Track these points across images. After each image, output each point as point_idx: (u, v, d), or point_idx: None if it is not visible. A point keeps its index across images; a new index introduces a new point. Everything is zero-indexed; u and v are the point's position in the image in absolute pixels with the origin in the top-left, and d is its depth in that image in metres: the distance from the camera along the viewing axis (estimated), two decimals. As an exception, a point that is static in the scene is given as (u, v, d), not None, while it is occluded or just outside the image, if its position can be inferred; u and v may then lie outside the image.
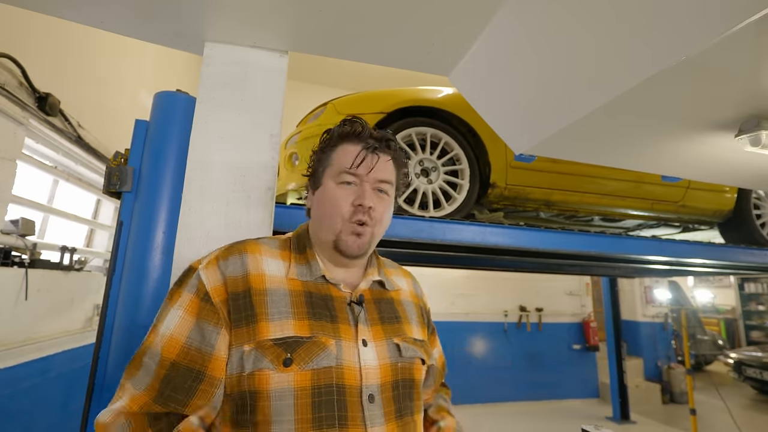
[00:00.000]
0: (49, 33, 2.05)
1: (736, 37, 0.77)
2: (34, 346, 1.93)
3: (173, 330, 0.64)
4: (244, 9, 1.06)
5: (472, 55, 1.25)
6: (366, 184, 0.74)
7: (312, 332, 0.65)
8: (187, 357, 0.63)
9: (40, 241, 2.15)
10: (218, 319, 0.65)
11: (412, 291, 0.87)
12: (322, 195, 0.76)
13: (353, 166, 0.73)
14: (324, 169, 0.77)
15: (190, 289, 0.67)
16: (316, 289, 0.71)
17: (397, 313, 0.78)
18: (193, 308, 0.65)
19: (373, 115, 1.82)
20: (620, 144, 1.48)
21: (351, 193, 0.74)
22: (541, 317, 5.58)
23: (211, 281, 0.67)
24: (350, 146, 0.75)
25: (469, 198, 1.90)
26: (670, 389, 5.60)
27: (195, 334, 0.64)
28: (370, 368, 0.67)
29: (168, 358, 0.63)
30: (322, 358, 0.64)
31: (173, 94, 1.18)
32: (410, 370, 0.73)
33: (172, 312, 0.66)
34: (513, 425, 4.59)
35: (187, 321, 0.65)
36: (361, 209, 0.72)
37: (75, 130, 2.22)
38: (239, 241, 0.75)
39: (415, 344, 0.76)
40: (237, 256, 0.70)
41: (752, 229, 2.57)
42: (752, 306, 8.72)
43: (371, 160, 0.74)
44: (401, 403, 0.69)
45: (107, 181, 1.11)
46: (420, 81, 4.74)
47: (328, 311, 0.69)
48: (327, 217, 0.74)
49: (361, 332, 0.70)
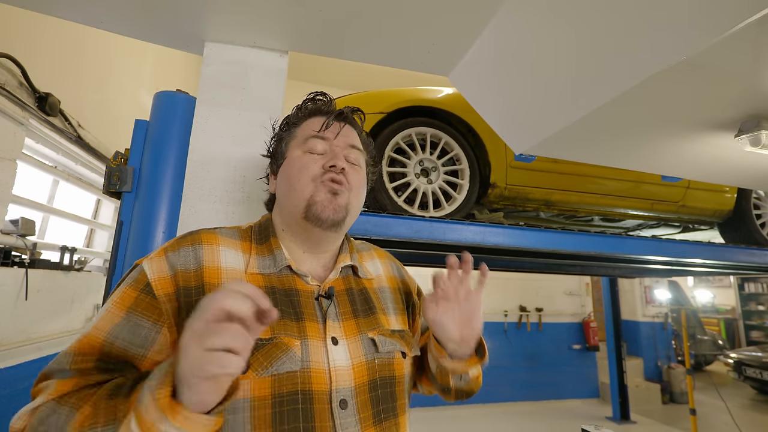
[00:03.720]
0: (49, 33, 2.05)
1: (736, 37, 0.77)
2: (34, 346, 1.93)
3: (92, 327, 0.54)
4: (244, 9, 1.06)
5: (472, 55, 1.25)
6: (336, 147, 0.68)
7: (273, 333, 0.56)
8: (110, 356, 0.53)
9: (40, 241, 2.15)
10: (159, 315, 0.55)
11: (389, 275, 0.79)
12: (287, 166, 0.69)
13: (321, 130, 0.69)
14: (288, 142, 0.72)
15: (126, 283, 0.58)
16: (280, 283, 0.63)
17: (372, 303, 0.69)
18: (124, 301, 0.55)
19: (373, 115, 1.82)
20: (620, 144, 1.48)
21: (320, 158, 0.68)
22: (541, 317, 5.58)
23: (155, 271, 0.57)
24: (316, 118, 0.71)
25: (469, 198, 1.90)
26: (670, 389, 5.59)
27: (119, 330, 0.53)
28: (342, 369, 0.59)
29: (81, 352, 0.52)
30: (284, 361, 0.55)
31: (173, 94, 1.18)
32: (390, 367, 0.64)
33: (101, 309, 0.56)
34: (513, 425, 4.59)
35: (113, 315, 0.54)
36: (334, 170, 0.65)
37: (75, 130, 2.22)
38: (192, 231, 0.66)
39: (393, 336, 0.67)
40: (189, 248, 0.61)
41: (752, 229, 2.57)
42: (752, 306, 8.72)
43: (339, 126, 0.70)
44: (380, 406, 0.61)
45: (107, 181, 1.11)
46: (420, 81, 4.75)
47: (293, 308, 0.61)
48: (295, 184, 0.66)
49: (331, 329, 0.61)
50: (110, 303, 0.56)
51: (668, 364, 5.89)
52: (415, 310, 0.79)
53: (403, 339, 0.70)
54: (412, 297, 0.80)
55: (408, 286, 0.81)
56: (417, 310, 0.79)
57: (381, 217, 1.50)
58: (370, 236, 1.46)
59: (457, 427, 4.44)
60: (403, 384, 0.67)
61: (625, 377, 4.66)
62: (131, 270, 0.61)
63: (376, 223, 1.47)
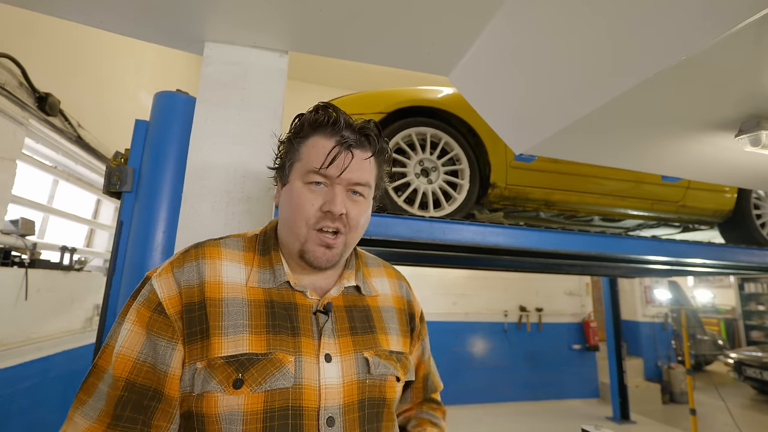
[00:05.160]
0: (49, 33, 2.05)
1: (736, 37, 0.77)
2: (34, 346, 1.93)
3: (123, 345, 0.57)
4: (244, 9, 1.06)
5: (472, 55, 1.25)
6: (337, 186, 0.64)
7: (269, 348, 0.58)
8: (140, 374, 0.56)
9: (40, 241, 2.15)
10: (173, 333, 0.58)
11: (396, 294, 0.78)
12: (288, 194, 0.67)
13: (323, 167, 0.63)
14: (292, 163, 0.67)
15: (140, 300, 0.60)
16: (280, 296, 0.64)
17: (372, 321, 0.69)
18: (142, 320, 0.59)
19: (373, 115, 1.82)
20: (620, 144, 1.48)
21: (319, 196, 0.64)
22: (541, 317, 5.58)
23: (164, 291, 0.60)
24: (322, 140, 0.64)
25: (469, 198, 1.90)
26: (670, 389, 5.59)
27: (147, 349, 0.57)
28: (332, 387, 0.60)
29: (120, 377, 0.56)
30: (277, 378, 0.57)
31: (173, 94, 1.18)
32: (381, 388, 0.64)
33: (122, 327, 0.59)
34: (513, 425, 4.59)
35: (137, 334, 0.58)
36: (330, 216, 0.63)
37: (75, 130, 2.22)
38: (198, 243, 0.67)
39: (389, 359, 0.67)
40: (192, 263, 0.63)
41: (752, 229, 2.57)
42: (752, 306, 8.72)
43: (345, 158, 0.63)
44: (366, 426, 0.61)
45: (107, 181, 1.11)
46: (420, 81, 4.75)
47: (290, 322, 0.62)
48: (292, 221, 0.65)
49: (325, 346, 0.62)
50: (129, 322, 0.59)
51: (668, 364, 5.89)
52: (414, 334, 0.78)
53: (399, 362, 0.69)
54: (415, 321, 0.79)
55: (413, 308, 0.80)
56: (416, 335, 0.79)
57: (381, 217, 1.50)
58: (370, 236, 1.46)
59: (458, 427, 4.44)
60: (392, 406, 0.67)
61: (625, 377, 4.66)
62: (142, 285, 0.63)
63: (376, 223, 1.47)
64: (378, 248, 1.73)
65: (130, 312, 0.60)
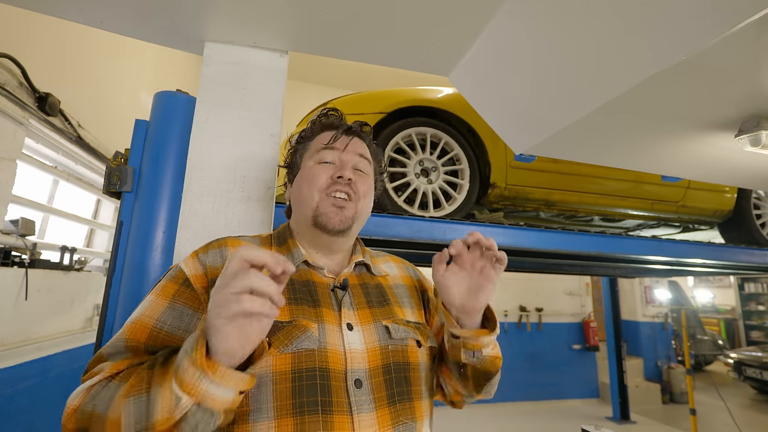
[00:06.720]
0: (49, 33, 2.05)
1: (736, 37, 0.77)
2: (34, 346, 1.93)
3: (140, 314, 0.60)
4: (244, 9, 1.06)
5: (472, 55, 1.25)
6: (345, 157, 0.75)
7: (292, 316, 0.62)
8: (158, 340, 0.58)
9: (40, 241, 2.15)
10: (199, 304, 0.61)
11: (404, 274, 0.83)
12: (300, 176, 0.77)
13: (330, 142, 0.75)
14: (302, 154, 0.80)
15: (166, 279, 0.64)
16: (298, 275, 0.69)
17: (387, 296, 0.74)
18: (167, 292, 0.61)
19: (373, 115, 1.82)
20: (620, 144, 1.48)
21: (329, 169, 0.74)
22: (541, 317, 5.58)
23: (191, 269, 0.64)
24: (327, 132, 0.78)
25: (469, 198, 1.90)
26: (670, 389, 5.60)
27: (166, 317, 0.59)
28: (356, 352, 0.63)
29: (140, 341, 0.57)
30: (303, 340, 0.60)
31: (173, 94, 1.18)
32: (403, 353, 0.67)
33: (145, 299, 0.62)
34: (513, 425, 4.59)
35: (158, 304, 0.60)
36: (341, 181, 0.72)
37: (75, 130, 2.22)
38: (218, 238, 0.73)
39: (407, 326, 0.71)
40: (216, 250, 0.68)
41: (752, 229, 2.57)
42: (752, 306, 8.73)
43: (347, 138, 0.77)
44: (394, 389, 0.63)
45: (107, 181, 1.11)
46: (420, 81, 4.75)
47: (310, 296, 0.66)
48: (305, 192, 0.73)
49: (346, 316, 0.66)
50: (153, 295, 0.62)
51: (668, 364, 5.90)
52: (430, 306, 0.82)
53: (418, 329, 0.72)
54: (428, 294, 0.83)
55: (424, 285, 0.85)
56: (433, 306, 0.82)
57: (381, 217, 1.50)
58: (371, 236, 1.46)
59: (458, 427, 4.44)
60: (419, 371, 0.69)
61: (625, 377, 4.66)
62: (168, 272, 0.67)
63: (376, 223, 1.47)
64: (378, 248, 1.73)
65: (156, 287, 0.63)
